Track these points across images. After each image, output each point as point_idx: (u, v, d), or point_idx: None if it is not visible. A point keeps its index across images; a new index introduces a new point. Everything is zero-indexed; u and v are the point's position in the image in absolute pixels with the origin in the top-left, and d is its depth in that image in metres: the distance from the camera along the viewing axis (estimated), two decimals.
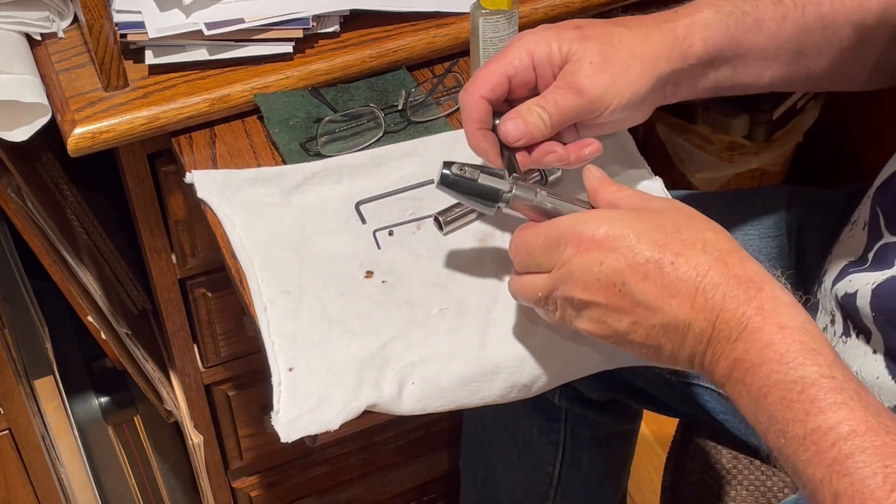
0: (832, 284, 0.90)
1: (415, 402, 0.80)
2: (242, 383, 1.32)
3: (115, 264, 1.24)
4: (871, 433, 0.61)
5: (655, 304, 0.70)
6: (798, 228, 1.05)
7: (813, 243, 1.03)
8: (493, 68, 0.82)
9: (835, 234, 0.98)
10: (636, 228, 0.71)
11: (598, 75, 0.81)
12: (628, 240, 0.70)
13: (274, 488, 1.48)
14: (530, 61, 0.82)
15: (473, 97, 0.82)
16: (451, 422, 1.55)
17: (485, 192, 0.79)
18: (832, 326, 0.89)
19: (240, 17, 1.02)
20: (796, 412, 0.64)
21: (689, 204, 0.91)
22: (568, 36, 0.82)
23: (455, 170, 0.79)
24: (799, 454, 0.63)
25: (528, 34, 0.83)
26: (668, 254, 0.70)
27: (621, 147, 1.00)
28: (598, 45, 0.82)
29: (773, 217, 1.06)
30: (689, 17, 0.85)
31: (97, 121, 0.98)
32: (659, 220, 0.72)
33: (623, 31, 0.83)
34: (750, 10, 0.87)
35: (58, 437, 1.39)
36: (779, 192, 1.09)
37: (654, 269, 0.70)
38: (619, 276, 0.70)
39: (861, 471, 0.60)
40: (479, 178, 0.79)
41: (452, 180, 0.79)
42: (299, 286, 0.87)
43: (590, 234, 0.71)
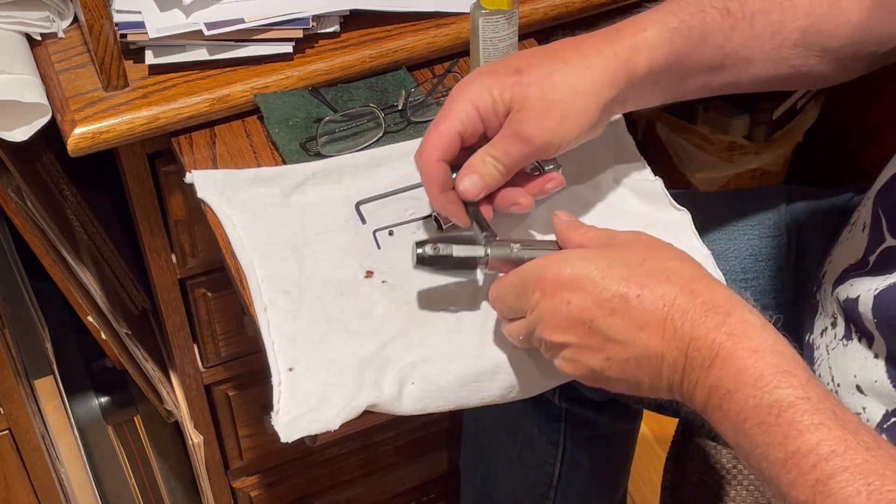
0: (833, 287, 0.90)
1: (415, 402, 0.80)
2: (242, 383, 1.32)
3: (115, 264, 1.24)
4: (851, 451, 0.62)
5: (625, 337, 0.70)
6: (798, 228, 1.05)
7: (813, 243, 1.04)
8: (443, 129, 0.82)
9: (835, 234, 0.98)
10: (600, 265, 0.72)
11: (543, 123, 0.81)
12: (593, 277, 0.71)
13: (274, 488, 1.48)
14: (476, 114, 0.82)
15: (430, 163, 0.82)
16: (450, 422, 1.55)
17: (462, 263, 0.80)
18: (833, 329, 0.89)
19: (240, 17, 1.02)
20: (775, 436, 0.64)
21: (688, 204, 0.92)
22: (508, 82, 0.81)
23: (429, 249, 0.80)
24: (781, 477, 0.64)
25: (468, 86, 0.82)
26: (634, 287, 0.70)
27: (621, 147, 1.00)
28: (539, 90, 0.81)
29: (773, 217, 1.06)
30: (632, 38, 0.84)
31: (97, 121, 0.98)
32: (623, 254, 0.73)
33: (563, 68, 0.82)
34: (696, 24, 0.85)
35: (58, 437, 1.39)
36: (779, 192, 1.09)
37: (620, 304, 0.70)
38: (586, 313, 0.71)
39: (844, 490, 0.61)
40: (453, 251, 0.80)
41: (428, 260, 0.80)
42: (299, 286, 0.87)
43: (554, 276, 0.72)
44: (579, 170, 0.97)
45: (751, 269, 1.04)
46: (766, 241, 1.05)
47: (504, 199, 0.85)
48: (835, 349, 0.86)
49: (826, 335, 0.89)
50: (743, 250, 1.04)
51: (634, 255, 0.72)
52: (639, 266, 0.71)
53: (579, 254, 0.74)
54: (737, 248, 1.04)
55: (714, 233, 1.06)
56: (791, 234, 1.05)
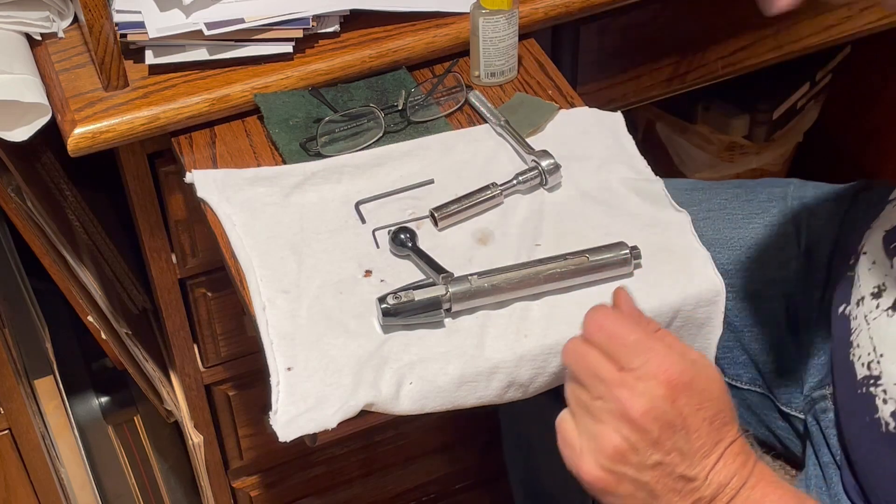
0: (890, 256, 0.89)
1: (412, 402, 0.80)
2: (242, 383, 1.32)
3: (115, 264, 1.24)
4: None
5: (690, 454, 0.73)
6: (808, 216, 1.06)
7: (823, 230, 1.04)
8: None
9: (842, 223, 0.99)
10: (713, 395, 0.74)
11: None
12: (705, 395, 0.73)
13: (274, 488, 1.48)
14: None
15: None
16: (450, 422, 1.55)
17: (427, 306, 0.83)
18: (874, 299, 0.88)
19: (240, 17, 1.02)
20: None
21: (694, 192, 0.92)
22: None
23: (391, 300, 0.83)
24: None
25: None
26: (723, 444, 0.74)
27: (621, 147, 1.00)
28: None
29: (779, 206, 1.07)
30: None
31: (97, 121, 0.98)
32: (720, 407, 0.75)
33: None
34: None
35: (58, 437, 1.39)
36: (786, 183, 1.10)
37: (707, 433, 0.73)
38: (681, 420, 0.72)
39: None
40: (414, 296, 0.83)
41: (394, 310, 0.83)
42: (298, 286, 0.87)
43: (679, 373, 0.73)
44: (579, 170, 0.97)
45: (755, 259, 1.04)
46: (770, 230, 1.06)
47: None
48: (876, 318, 0.86)
49: (864, 305, 0.88)
50: (748, 239, 1.05)
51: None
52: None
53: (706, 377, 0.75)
54: (741, 237, 1.05)
55: (719, 221, 1.06)
56: (801, 222, 1.05)
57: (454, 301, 0.84)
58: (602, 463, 0.73)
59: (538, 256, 0.88)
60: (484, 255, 0.90)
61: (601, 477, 0.74)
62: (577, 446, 0.75)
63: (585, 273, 0.87)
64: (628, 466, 0.73)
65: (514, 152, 0.99)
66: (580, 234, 0.91)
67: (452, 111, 1.04)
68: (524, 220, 0.93)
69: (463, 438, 1.59)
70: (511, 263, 0.87)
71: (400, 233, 0.90)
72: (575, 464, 0.75)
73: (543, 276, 0.86)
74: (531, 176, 0.95)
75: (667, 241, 0.91)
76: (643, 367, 0.72)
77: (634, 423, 0.72)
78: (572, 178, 0.97)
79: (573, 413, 0.76)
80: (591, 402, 0.74)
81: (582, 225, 0.93)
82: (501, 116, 1.01)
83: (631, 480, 0.73)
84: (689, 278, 0.88)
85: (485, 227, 0.93)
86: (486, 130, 1.01)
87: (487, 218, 0.94)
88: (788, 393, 1.03)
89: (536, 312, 0.86)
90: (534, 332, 0.84)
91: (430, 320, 0.84)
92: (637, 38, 1.24)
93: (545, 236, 0.92)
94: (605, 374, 0.73)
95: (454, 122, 1.03)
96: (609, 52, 1.24)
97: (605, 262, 0.87)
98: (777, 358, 1.03)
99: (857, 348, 0.85)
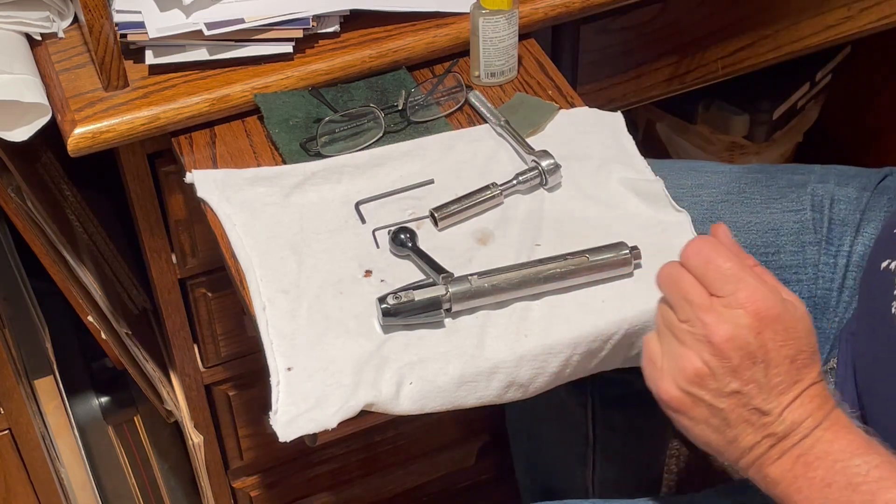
0: None
1: (412, 402, 0.80)
2: (242, 383, 1.32)
3: (115, 264, 1.24)
4: None
5: (768, 388, 0.73)
6: (830, 203, 1.06)
7: (847, 215, 1.04)
8: None
9: (866, 209, 1.01)
10: (798, 335, 0.75)
11: None
12: (790, 333, 0.74)
13: (274, 488, 1.48)
14: None
15: None
16: (450, 422, 1.55)
17: (427, 306, 0.83)
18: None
19: (240, 17, 1.02)
20: (863, 494, 0.70)
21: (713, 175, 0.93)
22: None
23: (391, 300, 0.83)
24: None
25: None
26: (802, 385, 0.75)
27: (621, 147, 1.00)
28: None
29: (797, 192, 1.07)
30: None
31: (97, 121, 0.98)
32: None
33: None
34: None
35: (58, 437, 1.39)
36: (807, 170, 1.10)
37: (787, 369, 0.74)
38: (763, 353, 0.73)
39: None
40: (414, 296, 0.83)
41: (394, 310, 0.83)
42: (298, 286, 0.87)
43: (767, 307, 0.73)
44: (580, 169, 0.97)
45: (772, 244, 1.05)
46: (788, 216, 1.06)
47: None
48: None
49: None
50: (764, 224, 1.05)
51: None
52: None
53: (791, 314, 0.75)
54: (758, 221, 1.05)
55: (737, 205, 1.07)
56: (822, 209, 1.05)
57: (454, 301, 0.84)
58: (681, 384, 0.74)
59: (538, 256, 0.88)
60: (484, 255, 0.90)
61: (678, 397, 0.75)
62: (658, 365, 0.76)
63: (585, 273, 0.87)
64: (705, 391, 0.74)
65: (514, 152, 0.99)
66: (580, 234, 0.91)
67: (452, 111, 1.04)
68: (524, 221, 0.93)
69: (463, 438, 1.59)
70: (511, 263, 0.87)
71: (400, 233, 0.90)
72: (654, 382, 0.76)
73: (543, 276, 0.86)
74: (531, 176, 0.95)
75: (667, 241, 0.91)
76: (733, 295, 0.73)
77: (716, 349, 0.73)
78: (572, 178, 0.97)
79: (660, 333, 0.77)
80: (678, 324, 0.75)
81: (582, 225, 0.93)
82: (501, 116, 1.01)
83: (707, 405, 0.74)
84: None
85: (485, 227, 0.93)
86: (486, 130, 1.01)
87: (487, 218, 0.94)
88: None
89: (536, 312, 0.86)
90: (534, 332, 0.84)
91: (430, 320, 0.84)
92: (637, 38, 1.24)
93: (545, 236, 0.92)
94: (694, 297, 0.74)
95: (454, 122, 1.03)
96: (609, 52, 1.24)
97: (605, 262, 0.87)
98: None
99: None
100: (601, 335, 0.85)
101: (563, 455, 1.29)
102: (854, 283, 1.00)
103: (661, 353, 0.76)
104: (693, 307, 0.74)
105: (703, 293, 0.75)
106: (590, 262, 0.86)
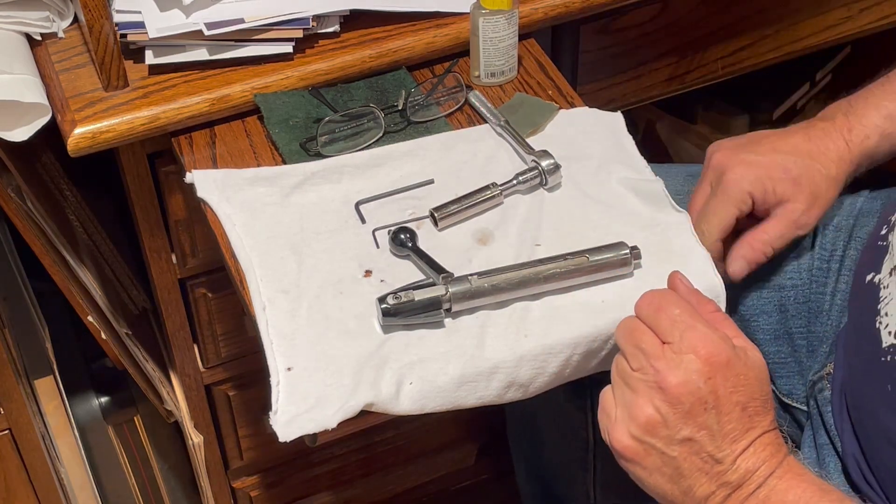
0: None
1: (412, 402, 0.80)
2: (242, 383, 1.32)
3: (115, 264, 1.24)
4: None
5: (720, 435, 0.74)
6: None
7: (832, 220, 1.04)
8: (725, 214, 0.92)
9: (859, 214, 1.02)
10: (749, 382, 0.75)
11: (813, 212, 0.93)
12: (741, 380, 0.74)
13: (274, 488, 1.48)
14: (751, 202, 0.93)
15: (713, 245, 0.92)
16: (450, 422, 1.55)
17: (427, 306, 0.83)
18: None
19: (240, 17, 1.02)
20: None
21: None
22: (778, 177, 0.92)
23: (391, 300, 0.83)
24: None
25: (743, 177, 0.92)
26: (754, 432, 0.75)
27: (621, 147, 1.00)
28: (808, 186, 0.93)
29: None
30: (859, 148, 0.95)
31: (97, 121, 0.98)
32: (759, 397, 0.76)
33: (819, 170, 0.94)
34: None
35: (58, 437, 1.39)
36: None
37: (739, 417, 0.74)
38: (713, 399, 0.73)
39: None
40: (414, 296, 0.83)
41: (394, 310, 0.83)
42: (298, 286, 0.87)
43: (717, 352, 0.74)
44: (580, 170, 0.97)
45: None
46: None
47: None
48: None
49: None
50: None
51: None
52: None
53: (742, 361, 0.76)
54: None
55: None
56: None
57: (454, 301, 0.84)
58: (633, 432, 0.75)
59: (538, 256, 0.88)
60: (484, 255, 0.90)
61: (630, 446, 0.75)
62: (611, 415, 0.76)
63: (585, 273, 0.87)
64: (657, 438, 0.74)
65: (514, 152, 0.99)
66: (580, 234, 0.91)
67: (452, 111, 1.04)
68: (524, 221, 0.93)
69: (463, 438, 1.59)
70: (511, 263, 0.87)
71: (400, 233, 0.90)
72: (607, 432, 0.77)
73: (543, 276, 0.86)
74: (531, 176, 0.95)
75: (667, 241, 0.91)
76: (683, 341, 0.74)
77: (667, 395, 0.73)
78: (572, 178, 0.97)
79: (614, 384, 0.78)
80: (631, 372, 0.76)
81: (582, 225, 0.93)
82: (501, 116, 1.01)
83: (659, 453, 0.75)
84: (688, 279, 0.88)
85: (485, 227, 0.93)
86: (486, 130, 1.01)
87: (487, 218, 0.94)
88: (790, 384, 1.03)
89: (536, 312, 0.86)
90: (534, 332, 0.84)
91: (430, 320, 0.84)
92: (637, 38, 1.24)
93: (545, 236, 0.92)
94: (646, 345, 0.75)
95: (454, 122, 1.03)
96: (609, 52, 1.24)
97: (605, 262, 0.87)
98: (782, 349, 1.03)
99: (885, 317, 0.86)
100: (601, 335, 0.85)
101: (563, 460, 1.29)
102: (847, 287, 1.00)
103: (615, 403, 0.77)
104: (645, 355, 0.75)
105: (654, 341, 0.75)
106: (590, 262, 0.87)
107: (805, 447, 0.98)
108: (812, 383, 0.99)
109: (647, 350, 0.75)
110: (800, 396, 1.03)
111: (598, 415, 0.78)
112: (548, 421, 1.28)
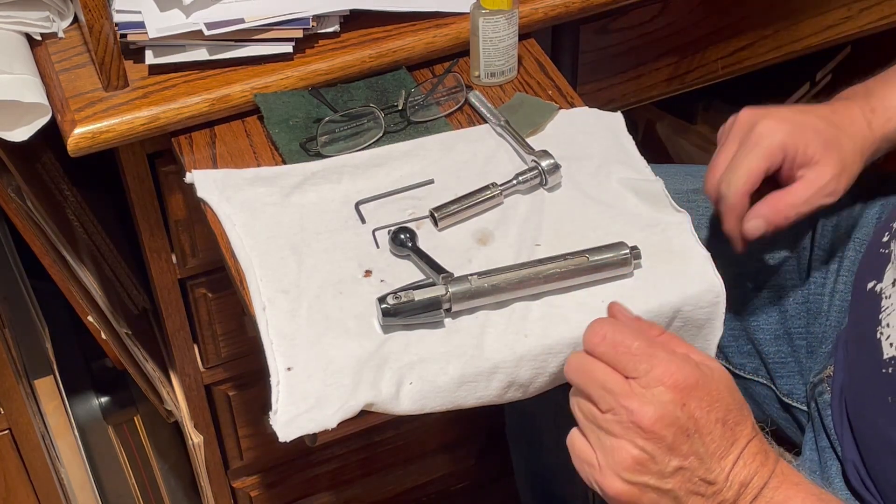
0: None
1: (412, 402, 0.80)
2: (242, 383, 1.32)
3: (115, 264, 1.24)
4: None
5: (708, 456, 0.73)
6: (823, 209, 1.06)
7: (833, 221, 1.04)
8: (755, 164, 0.89)
9: (860, 216, 1.02)
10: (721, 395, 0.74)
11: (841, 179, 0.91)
12: (714, 396, 0.73)
13: (274, 488, 1.48)
14: (782, 158, 0.90)
15: (738, 196, 0.89)
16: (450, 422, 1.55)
17: (427, 306, 0.83)
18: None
19: (240, 17, 1.02)
20: None
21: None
22: (811, 137, 0.91)
23: (391, 300, 0.83)
24: None
25: (778, 128, 0.91)
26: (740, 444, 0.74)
27: (621, 147, 1.00)
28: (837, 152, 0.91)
29: None
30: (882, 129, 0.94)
31: (97, 121, 0.98)
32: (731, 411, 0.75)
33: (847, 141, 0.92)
34: None
35: (58, 437, 1.39)
36: None
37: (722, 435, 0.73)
38: (693, 423, 0.72)
39: None
40: (414, 296, 0.83)
41: (394, 310, 0.83)
42: (298, 286, 0.87)
43: (685, 377, 0.73)
44: (580, 170, 0.97)
45: (766, 248, 1.04)
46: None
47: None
48: None
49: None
50: None
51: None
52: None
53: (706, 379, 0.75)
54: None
55: None
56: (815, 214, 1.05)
57: (454, 301, 0.84)
58: (623, 476, 0.73)
59: (538, 256, 0.88)
60: (484, 255, 0.90)
61: (624, 490, 0.73)
62: (595, 463, 0.74)
63: (585, 273, 0.87)
64: (649, 476, 0.73)
65: (514, 152, 0.99)
66: (580, 234, 0.91)
67: (452, 111, 1.04)
68: (524, 221, 0.93)
69: (463, 438, 1.59)
70: (511, 263, 0.87)
71: (400, 233, 0.90)
72: (596, 481, 0.74)
73: (543, 276, 0.86)
74: (531, 176, 0.95)
75: (666, 241, 0.91)
76: (649, 374, 0.72)
77: (647, 432, 0.72)
78: (572, 178, 0.97)
79: (584, 429, 0.75)
80: (602, 415, 0.73)
81: (582, 225, 0.93)
82: (501, 116, 1.01)
83: (654, 489, 0.73)
84: (688, 279, 0.88)
85: (485, 227, 0.93)
86: (486, 130, 1.01)
87: (487, 218, 0.94)
88: (791, 384, 1.03)
89: (536, 312, 0.86)
90: (534, 332, 0.84)
91: (430, 320, 0.84)
92: (637, 38, 1.24)
93: (545, 236, 0.92)
94: (612, 385, 0.73)
95: (454, 122, 1.03)
96: (609, 52, 1.24)
97: (605, 262, 0.87)
98: (781, 349, 1.03)
99: (886, 327, 0.85)
100: None
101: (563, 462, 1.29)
102: (845, 288, 1.00)
103: (593, 449, 0.74)
104: (613, 395, 0.73)
105: (619, 379, 0.73)
106: (590, 262, 0.86)
107: (807, 449, 0.98)
108: (812, 385, 0.99)
109: (614, 389, 0.73)
110: (800, 396, 1.03)
111: (576, 464, 0.76)
112: (547, 421, 1.28)
